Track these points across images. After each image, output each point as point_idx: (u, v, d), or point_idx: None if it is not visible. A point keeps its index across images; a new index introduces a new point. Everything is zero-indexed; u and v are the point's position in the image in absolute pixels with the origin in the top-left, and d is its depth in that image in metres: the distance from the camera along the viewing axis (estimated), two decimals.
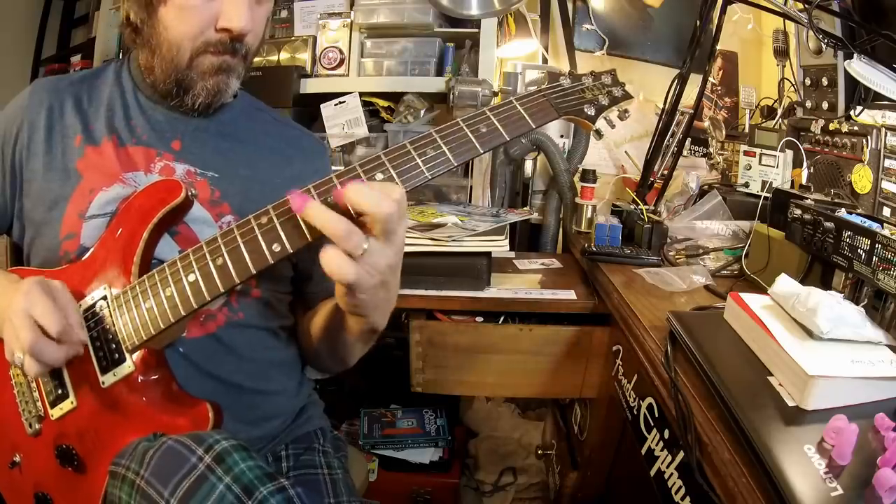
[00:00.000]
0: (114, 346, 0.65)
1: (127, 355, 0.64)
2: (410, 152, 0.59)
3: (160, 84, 0.78)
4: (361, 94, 1.61)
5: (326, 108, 1.62)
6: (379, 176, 0.58)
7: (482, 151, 0.61)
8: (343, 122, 1.61)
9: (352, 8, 1.63)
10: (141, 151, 0.78)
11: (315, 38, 1.67)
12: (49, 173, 0.77)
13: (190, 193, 0.70)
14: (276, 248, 0.57)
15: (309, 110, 1.64)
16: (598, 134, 0.72)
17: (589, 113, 0.69)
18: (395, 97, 1.67)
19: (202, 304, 0.61)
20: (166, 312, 0.62)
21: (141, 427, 0.64)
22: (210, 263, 0.60)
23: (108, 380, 0.65)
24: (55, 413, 0.67)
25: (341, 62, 1.65)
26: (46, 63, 2.35)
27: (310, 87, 1.65)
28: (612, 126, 0.74)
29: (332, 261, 0.53)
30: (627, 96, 0.73)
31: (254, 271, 0.58)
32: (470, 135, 0.60)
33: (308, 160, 0.89)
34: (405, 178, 0.58)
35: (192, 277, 0.60)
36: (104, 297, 0.66)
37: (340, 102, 1.60)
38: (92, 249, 0.71)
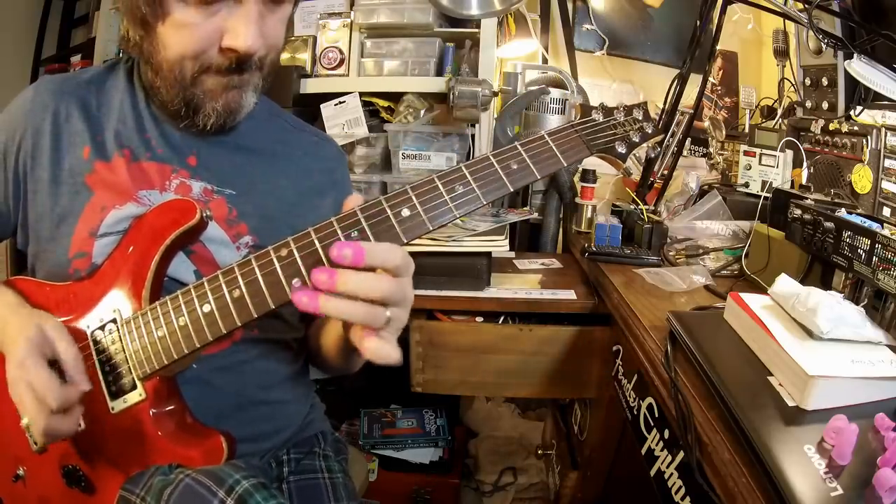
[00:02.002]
0: (123, 372, 0.63)
1: (138, 383, 0.62)
2: (438, 187, 0.56)
3: (168, 104, 0.72)
4: (361, 94, 1.61)
5: (326, 108, 1.61)
6: (405, 212, 0.55)
7: (511, 189, 0.58)
8: (343, 123, 1.61)
9: (352, 8, 1.63)
10: (155, 167, 0.74)
11: (315, 38, 1.67)
12: (56, 187, 0.72)
13: (205, 215, 0.66)
14: (297, 283, 0.55)
15: (309, 110, 1.64)
16: (628, 173, 0.70)
17: (620, 151, 0.66)
18: (395, 97, 1.67)
19: (217, 336, 0.58)
20: (179, 343, 0.59)
21: (152, 455, 0.63)
22: (226, 294, 0.57)
23: (117, 406, 0.63)
24: None
25: (341, 62, 1.65)
26: (46, 63, 2.35)
27: (310, 87, 1.65)
28: (641, 163, 0.71)
29: (372, 349, 0.54)
30: (657, 133, 0.70)
31: (273, 306, 0.55)
32: (500, 171, 0.58)
33: (326, 171, 0.85)
34: (432, 214, 0.55)
35: (206, 308, 0.58)
36: (113, 321, 0.64)
37: (340, 102, 1.60)
38: (100, 266, 0.68)
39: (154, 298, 0.64)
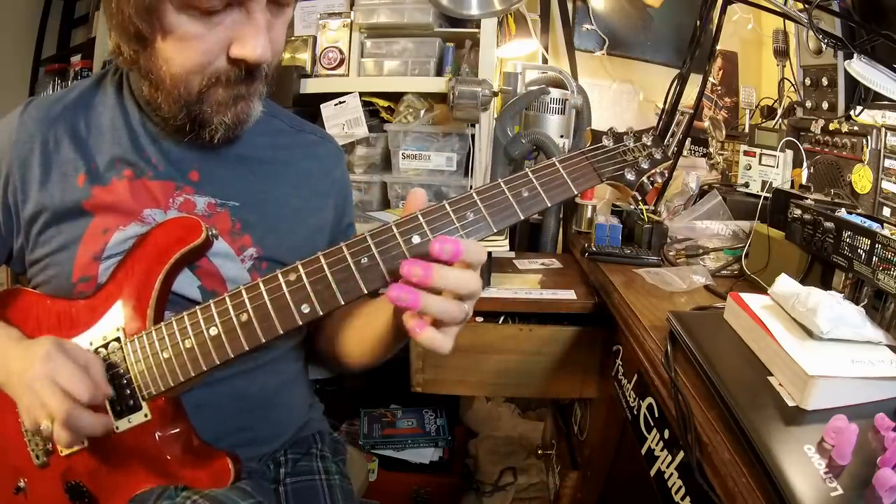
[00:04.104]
0: (128, 391, 0.62)
1: (143, 403, 0.61)
2: (449, 214, 0.56)
3: (171, 120, 0.68)
4: (361, 94, 1.61)
5: (326, 108, 1.62)
6: (415, 238, 0.55)
7: (522, 217, 0.58)
8: (343, 122, 1.61)
9: (352, 8, 1.64)
10: (158, 186, 0.71)
11: (315, 38, 1.67)
12: (50, 218, 0.69)
13: (210, 234, 0.64)
14: (306, 308, 0.54)
15: (309, 110, 1.64)
16: (636, 200, 0.69)
17: (629, 178, 0.66)
18: (395, 97, 1.67)
19: (225, 359, 0.57)
20: (186, 365, 0.59)
21: (158, 475, 0.63)
22: (234, 318, 0.56)
23: (121, 425, 0.62)
24: (64, 450, 0.65)
25: (341, 62, 1.65)
26: (46, 63, 2.35)
27: (310, 87, 1.65)
28: (647, 188, 0.72)
29: (430, 339, 0.53)
30: (667, 158, 0.69)
31: (281, 331, 0.55)
32: (511, 199, 0.57)
33: (325, 171, 0.84)
34: None
35: (213, 331, 0.57)
36: (117, 339, 0.63)
37: (340, 102, 1.61)
38: (104, 284, 0.67)
39: (158, 317, 0.63)
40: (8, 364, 0.62)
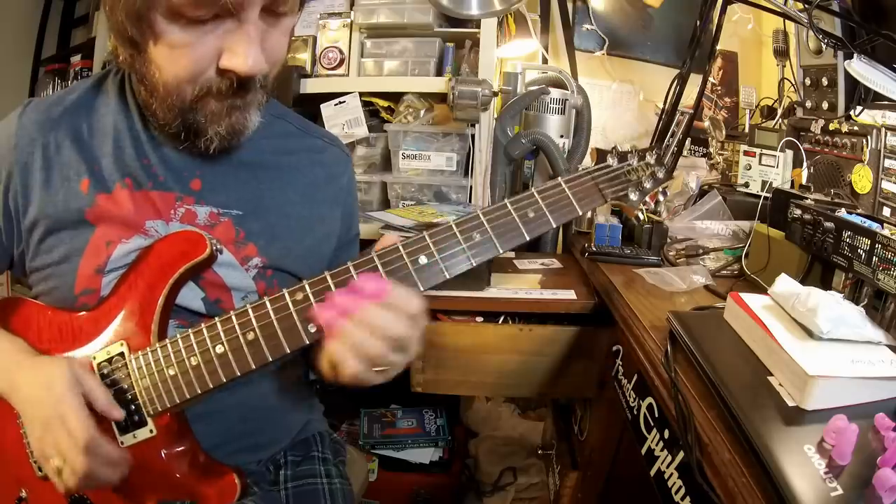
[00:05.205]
0: (133, 407, 0.62)
1: (148, 419, 0.61)
2: (456, 235, 0.56)
3: (166, 127, 0.67)
4: (361, 94, 1.61)
5: (326, 109, 1.62)
6: (423, 259, 0.55)
7: (528, 238, 0.58)
8: (343, 123, 1.61)
9: (352, 8, 1.64)
10: (159, 196, 0.70)
11: (315, 38, 1.67)
12: (53, 224, 0.68)
13: (215, 248, 0.64)
14: (313, 328, 0.54)
15: (309, 110, 1.64)
16: (638, 219, 0.71)
17: (633, 198, 0.67)
18: (395, 97, 1.68)
19: (232, 378, 0.57)
20: (192, 383, 0.59)
21: (163, 491, 0.63)
22: (240, 337, 0.56)
23: (126, 440, 0.62)
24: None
25: (341, 62, 1.65)
26: (46, 63, 2.35)
27: (310, 87, 1.65)
28: (653, 208, 0.73)
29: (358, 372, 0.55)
30: (669, 178, 0.70)
31: (288, 351, 0.55)
32: (517, 220, 0.58)
33: (332, 178, 0.82)
34: (449, 262, 0.56)
35: (220, 349, 0.57)
36: (121, 354, 0.62)
37: (340, 102, 1.61)
38: (106, 298, 0.66)
39: (162, 332, 0.63)
40: (14, 377, 0.61)
